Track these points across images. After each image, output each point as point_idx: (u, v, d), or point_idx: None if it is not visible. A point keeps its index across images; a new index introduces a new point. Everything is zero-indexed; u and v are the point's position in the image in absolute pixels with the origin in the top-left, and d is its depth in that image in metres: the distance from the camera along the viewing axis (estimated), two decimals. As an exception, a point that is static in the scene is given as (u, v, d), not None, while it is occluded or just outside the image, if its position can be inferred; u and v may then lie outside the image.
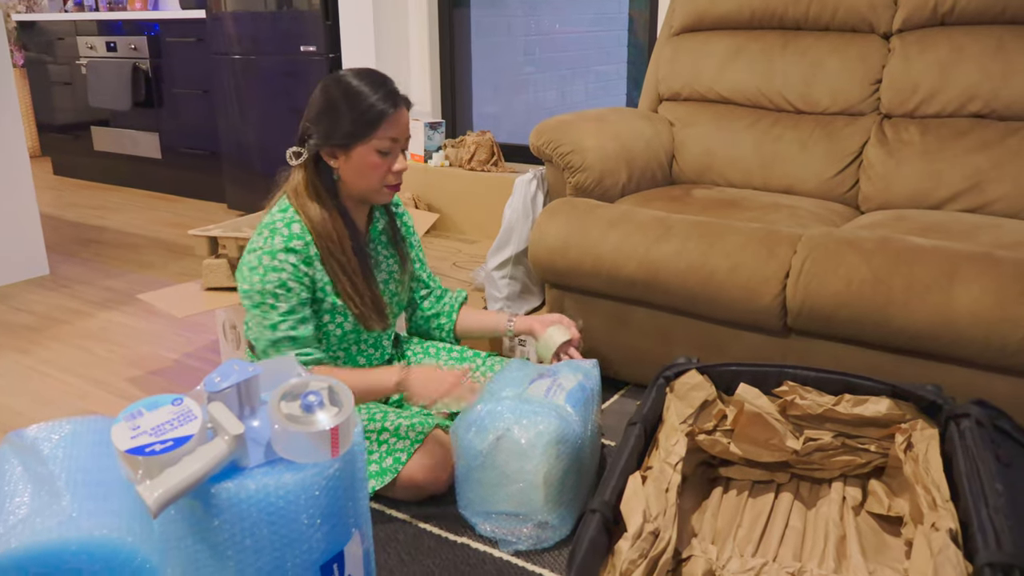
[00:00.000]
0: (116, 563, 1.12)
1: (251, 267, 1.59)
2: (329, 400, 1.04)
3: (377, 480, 1.62)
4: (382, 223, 1.80)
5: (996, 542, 1.17)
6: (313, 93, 1.63)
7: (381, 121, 1.58)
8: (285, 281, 1.58)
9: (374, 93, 1.58)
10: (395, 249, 1.81)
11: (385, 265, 1.79)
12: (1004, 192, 2.09)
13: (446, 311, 1.92)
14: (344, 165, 1.62)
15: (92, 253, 3.70)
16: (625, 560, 1.20)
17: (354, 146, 1.59)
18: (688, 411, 1.61)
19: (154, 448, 0.95)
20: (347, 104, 1.57)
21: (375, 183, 1.63)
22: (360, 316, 1.68)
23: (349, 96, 1.57)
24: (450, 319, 1.92)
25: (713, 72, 2.57)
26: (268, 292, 1.58)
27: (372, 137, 1.58)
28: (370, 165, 1.61)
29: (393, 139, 1.60)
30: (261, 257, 1.58)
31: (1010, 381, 1.63)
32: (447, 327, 1.93)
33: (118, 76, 4.66)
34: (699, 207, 2.19)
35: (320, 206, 1.63)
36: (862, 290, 1.70)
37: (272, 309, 1.58)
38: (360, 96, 1.57)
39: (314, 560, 1.02)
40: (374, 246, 1.77)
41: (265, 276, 1.58)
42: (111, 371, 2.44)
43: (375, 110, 1.57)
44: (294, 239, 1.59)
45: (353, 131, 1.58)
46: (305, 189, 1.63)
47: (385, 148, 1.60)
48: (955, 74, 2.20)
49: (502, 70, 4.39)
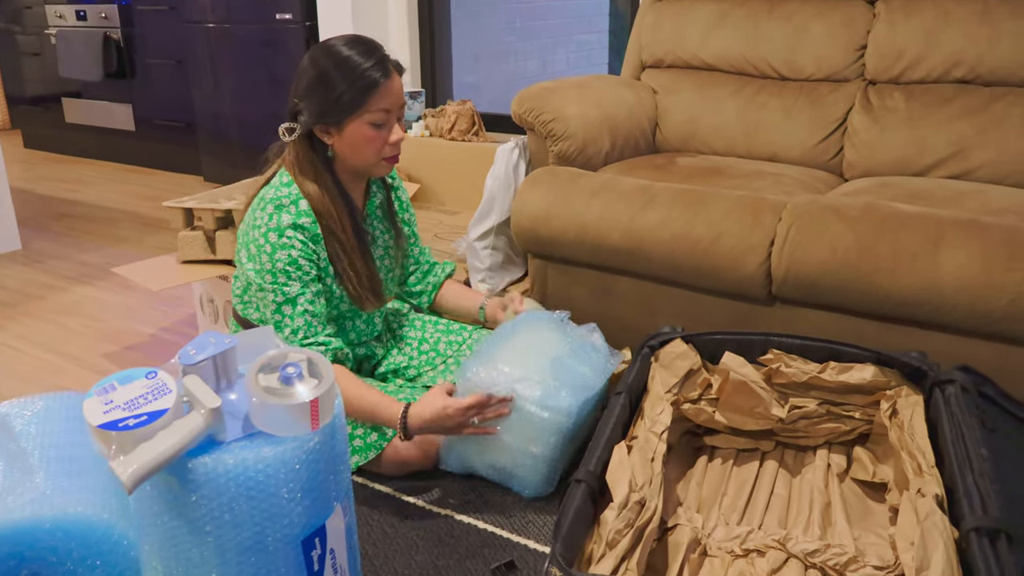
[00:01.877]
0: (92, 540, 1.10)
1: (259, 246, 1.53)
2: (308, 372, 1.01)
3: (361, 455, 1.60)
4: (379, 197, 1.75)
5: (982, 507, 1.16)
6: (301, 64, 1.55)
7: (373, 91, 1.51)
8: (295, 258, 1.52)
9: (365, 61, 1.50)
10: (391, 223, 1.77)
11: (381, 241, 1.74)
12: (988, 158, 2.08)
13: (428, 290, 1.90)
14: (338, 141, 1.55)
15: (65, 227, 3.63)
16: (611, 530, 1.18)
17: (347, 121, 1.52)
18: (673, 380, 1.60)
19: (127, 423, 0.92)
20: (337, 75, 1.49)
21: (372, 157, 1.57)
22: (356, 297, 1.63)
23: (339, 66, 1.50)
24: (429, 298, 1.90)
25: (697, 38, 2.53)
26: (279, 271, 1.52)
27: (364, 111, 1.51)
28: (365, 139, 1.54)
29: (386, 110, 1.53)
30: (268, 235, 1.52)
31: (994, 347, 1.63)
32: (425, 306, 1.92)
33: (88, 46, 4.55)
34: (683, 175, 2.17)
35: (317, 184, 1.56)
36: (847, 257, 1.69)
37: (285, 287, 1.52)
38: (350, 65, 1.50)
39: (295, 534, 1.00)
40: (371, 221, 1.73)
41: (274, 255, 1.51)
42: (86, 346, 2.39)
43: (365, 80, 1.50)
44: (302, 216, 1.53)
45: (345, 105, 1.50)
46: (300, 166, 1.57)
47: (379, 120, 1.53)
48: (940, 39, 2.18)
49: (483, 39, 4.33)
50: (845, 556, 1.28)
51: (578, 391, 1.54)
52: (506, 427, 1.52)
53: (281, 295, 1.53)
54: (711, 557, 1.35)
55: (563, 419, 1.50)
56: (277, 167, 1.61)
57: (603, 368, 1.64)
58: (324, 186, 1.57)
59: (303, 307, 1.53)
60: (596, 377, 1.61)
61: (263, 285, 1.53)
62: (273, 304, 1.54)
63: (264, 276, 1.53)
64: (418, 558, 1.43)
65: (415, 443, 1.60)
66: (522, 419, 1.51)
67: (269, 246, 1.52)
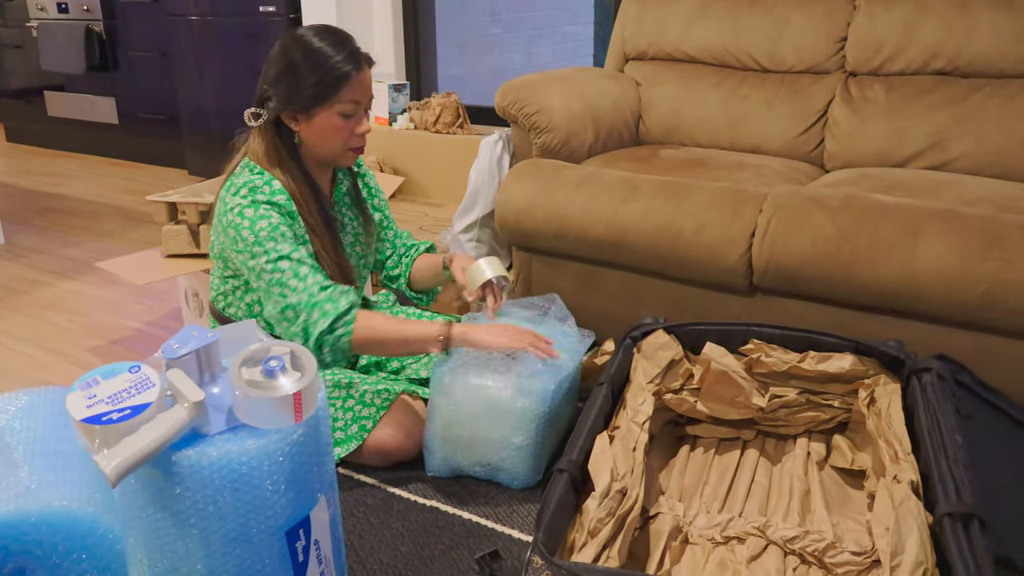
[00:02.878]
0: (77, 534, 1.11)
1: (236, 225, 1.51)
2: (291, 365, 1.02)
3: (343, 447, 1.61)
4: (346, 184, 1.76)
5: (956, 493, 1.19)
6: (271, 52, 1.56)
7: (344, 84, 1.52)
8: (276, 225, 1.51)
9: (336, 54, 1.52)
10: (359, 210, 1.78)
11: (351, 228, 1.75)
12: (967, 149, 2.11)
13: (403, 272, 1.89)
14: (306, 129, 1.57)
15: (49, 222, 3.61)
16: (593, 519, 1.20)
17: (316, 110, 1.54)
18: (655, 370, 1.61)
19: (111, 417, 0.93)
20: (308, 66, 1.51)
21: (338, 146, 1.59)
22: (331, 278, 1.64)
23: (310, 57, 1.51)
24: (404, 278, 1.89)
25: (679, 30, 2.54)
26: (266, 238, 1.50)
27: (335, 101, 1.53)
28: (333, 128, 1.56)
29: (356, 101, 1.55)
30: (243, 211, 1.51)
31: (970, 336, 1.66)
32: (403, 285, 1.91)
33: (70, 38, 4.51)
34: (666, 167, 2.18)
35: (283, 171, 1.57)
36: (827, 248, 1.71)
37: (276, 244, 1.50)
38: (322, 57, 1.51)
39: (279, 526, 1.01)
40: (339, 208, 1.74)
41: (255, 226, 1.50)
42: (71, 341, 2.39)
43: (337, 72, 1.51)
44: (276, 195, 1.53)
45: (315, 95, 1.52)
46: (266, 154, 1.58)
47: (348, 111, 1.55)
48: (920, 31, 2.20)
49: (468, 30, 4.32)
50: (823, 542, 1.31)
51: (551, 375, 1.56)
52: (485, 423, 1.54)
53: (275, 252, 1.50)
54: (692, 545, 1.37)
55: (539, 405, 1.52)
56: (243, 154, 1.62)
57: (575, 349, 1.66)
58: (290, 173, 1.58)
59: (300, 259, 1.51)
60: (568, 358, 1.62)
61: (252, 249, 1.50)
62: (270, 264, 1.50)
63: (251, 247, 1.50)
64: (403, 549, 1.44)
65: (396, 433, 1.61)
66: (500, 412, 1.52)
67: (247, 220, 1.51)
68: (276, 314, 1.52)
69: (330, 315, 1.49)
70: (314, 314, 1.49)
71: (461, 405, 1.54)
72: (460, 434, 1.56)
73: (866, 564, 1.27)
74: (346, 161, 1.64)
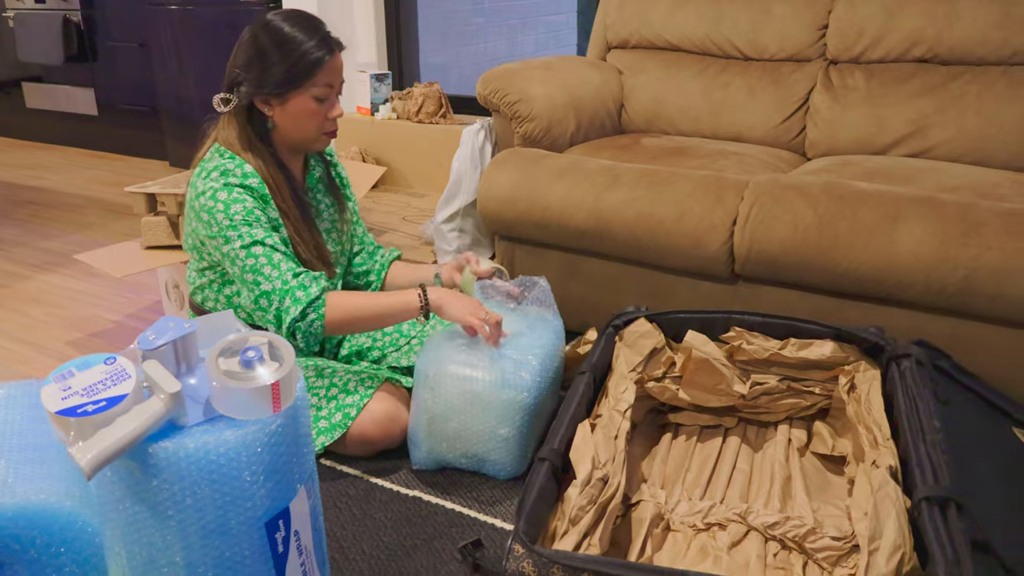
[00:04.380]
0: (55, 528, 1.10)
1: (209, 209, 1.50)
2: (269, 355, 1.01)
3: (327, 436, 1.60)
4: (319, 171, 1.75)
5: (933, 477, 1.20)
6: (241, 37, 1.55)
7: (318, 69, 1.52)
8: (251, 209, 1.51)
9: (308, 39, 1.52)
10: (333, 196, 1.77)
11: (326, 214, 1.75)
12: (946, 137, 2.12)
13: (376, 268, 1.88)
14: (280, 113, 1.56)
15: (28, 214, 3.57)
16: (574, 507, 1.20)
17: (289, 95, 1.54)
18: (637, 359, 1.62)
19: (86, 409, 0.92)
20: (280, 52, 1.50)
21: (312, 131, 1.59)
22: (306, 262, 1.63)
23: (282, 43, 1.51)
24: (379, 277, 1.88)
25: (661, 18, 2.54)
26: (239, 222, 1.50)
27: (310, 85, 1.53)
28: (307, 112, 1.56)
29: (329, 85, 1.55)
30: (216, 195, 1.50)
31: (949, 321, 1.67)
32: (375, 285, 1.88)
33: (48, 29, 4.46)
34: (648, 155, 2.18)
35: (255, 156, 1.56)
36: (807, 235, 1.72)
37: (250, 229, 1.50)
38: (294, 43, 1.51)
39: (258, 517, 1.00)
40: (313, 194, 1.73)
41: (228, 210, 1.50)
42: (50, 335, 2.37)
43: (311, 57, 1.51)
44: (249, 178, 1.53)
45: (288, 80, 1.52)
46: (238, 140, 1.57)
47: (322, 95, 1.55)
48: (900, 18, 2.21)
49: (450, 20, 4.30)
50: (804, 528, 1.31)
51: (535, 365, 1.56)
52: (470, 415, 1.53)
53: (249, 238, 1.50)
54: (674, 532, 1.38)
55: (525, 396, 1.52)
56: (212, 142, 1.61)
57: (557, 339, 1.66)
58: (262, 158, 1.57)
59: (273, 245, 1.51)
60: (552, 348, 1.62)
61: (226, 234, 1.50)
62: (244, 250, 1.50)
63: (226, 231, 1.50)
64: (386, 539, 1.44)
65: (380, 422, 1.61)
66: (485, 404, 1.52)
67: (221, 204, 1.50)
68: (251, 302, 1.53)
69: (301, 302, 1.50)
70: (286, 301, 1.50)
71: (445, 398, 1.53)
72: (445, 427, 1.55)
73: (846, 549, 1.28)
74: (319, 145, 1.63)
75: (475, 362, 1.53)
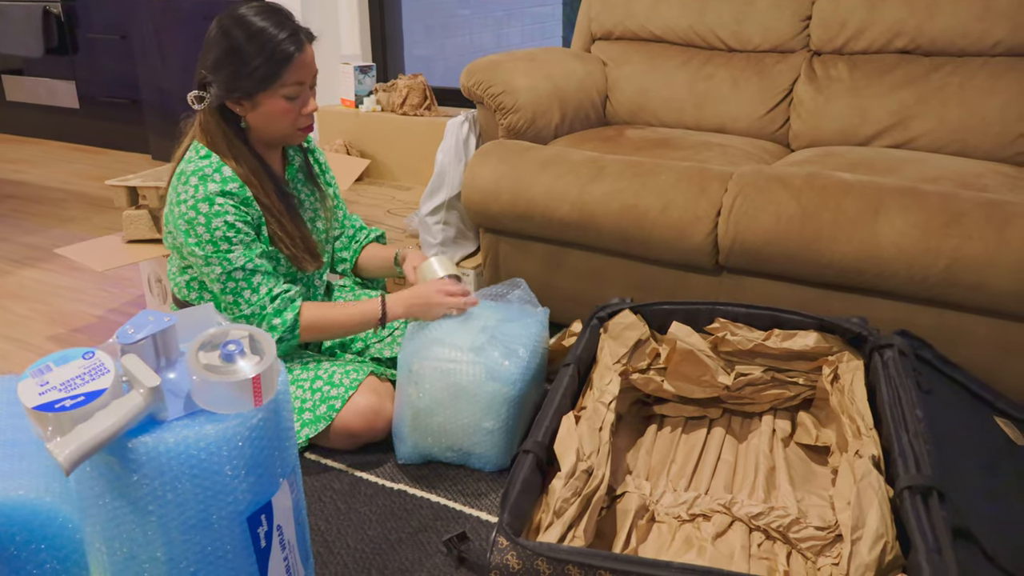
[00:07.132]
0: (35, 524, 1.09)
1: (189, 219, 1.51)
2: (250, 349, 1.00)
3: (311, 428, 1.59)
4: (298, 161, 1.74)
5: (916, 466, 1.20)
6: (208, 33, 1.51)
7: (286, 66, 1.49)
8: (232, 223, 1.51)
9: (279, 32, 1.48)
10: (314, 185, 1.76)
11: (309, 203, 1.74)
12: (928, 128, 2.12)
13: (349, 255, 1.89)
14: (252, 114, 1.54)
15: (9, 209, 3.53)
16: (558, 499, 1.20)
17: (260, 96, 1.51)
18: (622, 351, 1.62)
19: (64, 404, 0.91)
20: (250, 49, 1.47)
21: (286, 128, 1.57)
22: (293, 258, 1.63)
23: (252, 39, 1.47)
24: (351, 262, 1.89)
25: (645, 9, 2.53)
26: (220, 239, 1.51)
27: (279, 84, 1.50)
28: (279, 111, 1.53)
29: (300, 82, 1.52)
30: (198, 206, 1.50)
31: (932, 312, 1.68)
32: (348, 269, 1.90)
33: (27, 20, 4.40)
34: (632, 147, 2.18)
35: (233, 154, 1.55)
36: (791, 226, 1.72)
37: (229, 253, 1.52)
38: (264, 38, 1.47)
39: (240, 511, 1.00)
40: (294, 185, 1.71)
41: (210, 223, 1.50)
42: (31, 330, 2.34)
43: (280, 54, 1.48)
44: (228, 183, 1.52)
45: (258, 79, 1.48)
46: (214, 139, 1.55)
47: (293, 93, 1.52)
48: (882, 9, 2.21)
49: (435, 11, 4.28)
50: (788, 518, 1.32)
51: (519, 358, 1.55)
52: (455, 409, 1.53)
53: (228, 264, 1.53)
54: (659, 523, 1.38)
55: (509, 388, 1.52)
56: (191, 139, 1.59)
57: (541, 331, 1.66)
58: (241, 156, 1.56)
59: (253, 268, 1.55)
60: (536, 340, 1.62)
61: (208, 257, 1.53)
62: (224, 276, 1.54)
63: (205, 247, 1.52)
64: (371, 532, 1.44)
65: (364, 414, 1.60)
66: (470, 397, 1.52)
67: (203, 216, 1.50)
68: (230, 320, 1.52)
69: (277, 330, 1.57)
70: (262, 327, 1.55)
71: (430, 392, 1.53)
72: (430, 422, 1.55)
73: (829, 539, 1.29)
74: (295, 140, 1.62)
75: (459, 356, 1.53)
